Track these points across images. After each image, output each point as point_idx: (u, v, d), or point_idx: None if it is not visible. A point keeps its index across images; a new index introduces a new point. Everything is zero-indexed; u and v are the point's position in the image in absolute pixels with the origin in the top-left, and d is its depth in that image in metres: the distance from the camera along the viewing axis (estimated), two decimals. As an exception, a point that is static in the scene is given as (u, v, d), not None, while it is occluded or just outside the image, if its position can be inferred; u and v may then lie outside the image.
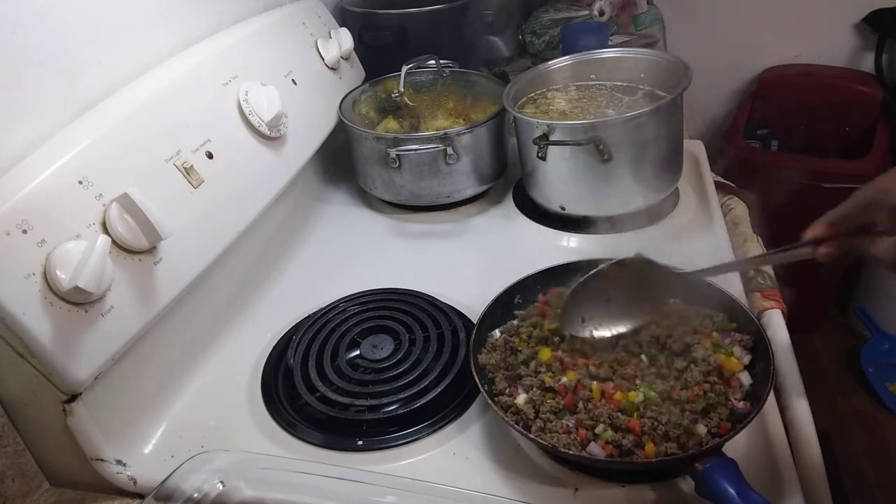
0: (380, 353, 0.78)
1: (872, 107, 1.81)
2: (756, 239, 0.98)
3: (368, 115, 1.14)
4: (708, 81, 1.90)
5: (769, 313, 0.81)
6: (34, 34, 0.68)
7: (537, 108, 1.04)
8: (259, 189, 0.89)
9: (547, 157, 0.93)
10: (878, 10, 1.78)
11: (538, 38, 1.54)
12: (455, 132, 1.00)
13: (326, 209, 1.13)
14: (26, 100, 0.67)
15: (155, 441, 0.72)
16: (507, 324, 0.76)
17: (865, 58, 1.87)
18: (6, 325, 0.57)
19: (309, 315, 0.86)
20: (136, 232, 0.66)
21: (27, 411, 0.66)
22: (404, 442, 0.68)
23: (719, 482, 0.54)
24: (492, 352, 0.72)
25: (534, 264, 0.80)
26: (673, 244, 0.92)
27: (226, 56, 0.90)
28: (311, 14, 1.13)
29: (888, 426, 1.71)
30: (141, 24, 0.83)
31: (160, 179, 0.73)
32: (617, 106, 1.00)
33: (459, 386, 0.73)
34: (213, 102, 0.84)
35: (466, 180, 1.04)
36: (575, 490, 0.62)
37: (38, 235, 0.59)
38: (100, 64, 0.76)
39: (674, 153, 0.96)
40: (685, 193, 1.03)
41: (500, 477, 0.64)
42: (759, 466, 0.60)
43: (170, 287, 0.71)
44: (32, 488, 0.69)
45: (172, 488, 0.59)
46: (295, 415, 0.73)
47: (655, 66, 1.01)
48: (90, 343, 0.62)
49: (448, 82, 1.16)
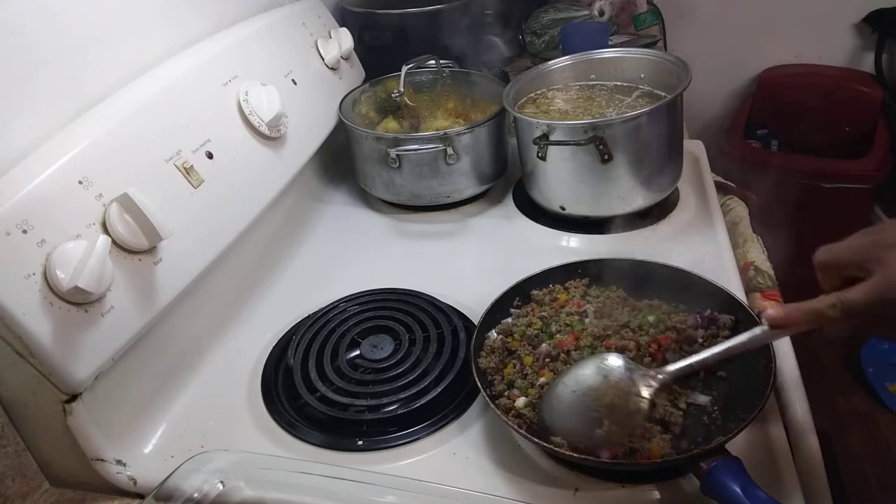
0: (380, 353, 0.78)
1: (872, 107, 1.81)
2: (756, 239, 0.98)
3: (368, 115, 1.14)
4: (708, 81, 1.90)
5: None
6: (34, 34, 0.68)
7: (537, 108, 1.04)
8: (259, 189, 0.89)
9: (547, 157, 0.93)
10: (878, 10, 1.78)
11: (538, 38, 1.54)
12: (455, 132, 0.99)
13: (326, 209, 1.13)
14: (26, 100, 0.67)
15: (155, 441, 0.72)
16: (502, 323, 0.76)
17: (865, 58, 1.87)
18: (6, 325, 0.57)
19: (309, 315, 0.86)
20: (136, 232, 0.66)
21: (27, 411, 0.66)
22: (404, 442, 0.68)
23: (725, 481, 0.54)
24: (490, 354, 0.72)
25: (534, 264, 0.80)
26: (673, 244, 0.92)
27: (226, 56, 0.90)
28: (311, 14, 1.13)
29: (888, 426, 1.71)
30: (141, 24, 0.83)
31: (160, 179, 0.73)
32: (617, 106, 1.00)
33: (459, 386, 0.73)
34: (213, 102, 0.84)
35: (466, 180, 1.04)
36: (575, 490, 0.61)
37: (38, 235, 0.59)
38: (100, 64, 0.76)
39: (674, 153, 0.96)
40: (685, 193, 1.03)
41: (500, 477, 0.64)
42: (760, 466, 0.60)
43: (170, 287, 0.71)
44: (32, 488, 0.69)
45: (172, 488, 0.59)
46: (295, 415, 0.73)
47: (655, 66, 1.01)
48: (90, 343, 0.62)
49: (448, 82, 1.17)
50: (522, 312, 0.77)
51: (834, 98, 1.85)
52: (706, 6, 1.89)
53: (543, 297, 0.78)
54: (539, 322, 0.74)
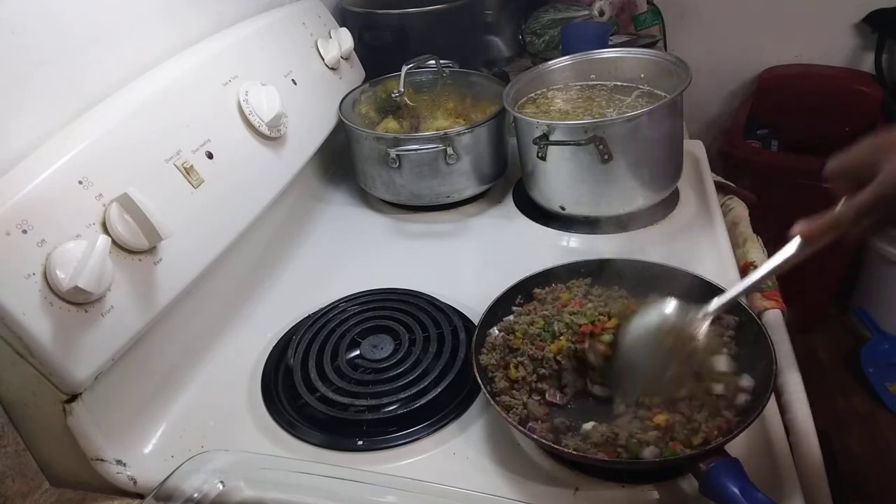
0: (380, 353, 0.77)
1: (872, 107, 1.80)
2: (756, 239, 0.98)
3: (368, 115, 1.14)
4: (708, 81, 1.90)
5: (769, 313, 0.81)
6: (34, 34, 0.68)
7: (537, 108, 1.04)
8: (259, 189, 0.89)
9: (547, 157, 0.93)
10: (878, 10, 1.78)
11: (538, 38, 1.54)
12: (455, 132, 0.99)
13: (326, 209, 1.13)
14: (26, 100, 0.67)
15: (155, 441, 0.72)
16: (504, 320, 0.76)
17: (865, 58, 1.87)
18: (6, 325, 0.57)
19: (309, 315, 0.86)
20: (136, 232, 0.66)
21: (27, 411, 0.66)
22: (404, 442, 0.68)
23: (724, 482, 0.54)
24: (491, 351, 0.72)
25: (534, 264, 0.80)
26: (673, 244, 0.92)
27: (226, 56, 0.90)
28: (311, 14, 1.13)
29: (888, 426, 1.71)
30: (141, 24, 0.83)
31: (160, 179, 0.73)
32: (617, 106, 1.00)
33: (459, 386, 0.73)
34: (213, 102, 0.84)
35: (466, 180, 1.04)
36: (575, 490, 0.62)
37: (38, 235, 0.59)
38: (100, 64, 0.76)
39: (674, 153, 0.96)
40: (685, 193, 1.03)
41: (500, 477, 0.64)
42: (760, 466, 0.60)
43: (170, 287, 0.71)
44: (32, 488, 0.69)
45: (172, 488, 0.59)
46: (295, 415, 0.73)
47: (655, 66, 1.01)
48: (90, 343, 0.62)
49: (448, 82, 1.17)
50: (524, 311, 0.76)
51: (834, 98, 1.85)
52: (706, 6, 1.89)
53: (546, 296, 0.78)
54: (541, 321, 0.74)
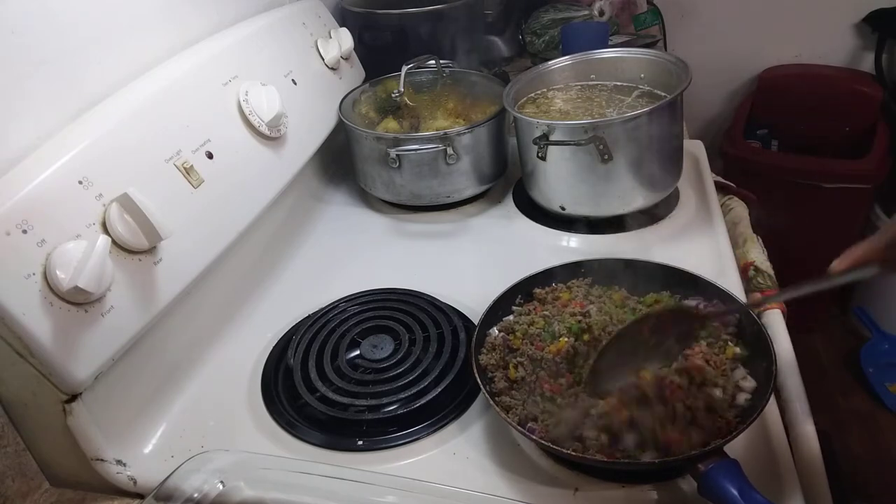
0: (380, 353, 0.78)
1: (872, 107, 1.80)
2: (756, 239, 0.98)
3: (368, 115, 1.14)
4: (708, 81, 1.90)
5: (769, 313, 0.81)
6: (34, 34, 0.68)
7: (537, 108, 1.04)
8: (259, 189, 0.89)
9: (547, 157, 0.93)
10: (878, 10, 1.78)
11: (538, 38, 1.54)
12: (455, 132, 0.99)
13: (326, 209, 1.13)
14: (26, 100, 0.67)
15: (155, 441, 0.72)
16: (504, 320, 0.76)
17: (865, 58, 1.87)
18: (6, 325, 0.57)
19: (309, 315, 0.86)
20: (136, 232, 0.66)
21: (27, 411, 0.66)
22: (404, 442, 0.68)
23: (722, 483, 0.54)
24: (491, 351, 0.72)
25: (534, 264, 0.80)
26: (673, 244, 0.92)
27: (226, 56, 0.89)
28: (311, 14, 1.13)
29: (888, 426, 1.71)
30: (141, 24, 0.83)
31: (160, 179, 0.73)
32: (617, 106, 1.00)
33: (459, 386, 0.73)
34: (213, 102, 0.84)
35: (466, 180, 1.04)
36: (575, 490, 0.62)
37: (38, 235, 0.59)
38: (100, 64, 0.76)
39: (674, 153, 0.96)
40: (685, 193, 1.03)
41: (500, 477, 0.64)
42: (759, 466, 0.60)
43: (170, 287, 0.71)
44: (32, 488, 0.69)
45: (172, 488, 0.59)
46: (295, 415, 0.73)
47: (655, 66, 1.01)
48: (90, 343, 0.62)
49: (448, 82, 1.17)
50: (525, 310, 0.76)
51: (834, 98, 1.85)
52: (706, 6, 1.89)
53: (546, 296, 0.78)
54: (541, 321, 0.74)
